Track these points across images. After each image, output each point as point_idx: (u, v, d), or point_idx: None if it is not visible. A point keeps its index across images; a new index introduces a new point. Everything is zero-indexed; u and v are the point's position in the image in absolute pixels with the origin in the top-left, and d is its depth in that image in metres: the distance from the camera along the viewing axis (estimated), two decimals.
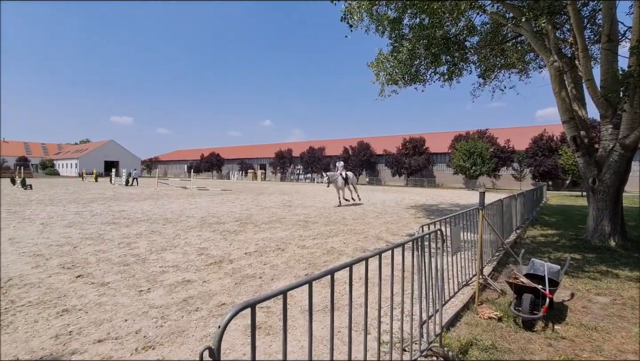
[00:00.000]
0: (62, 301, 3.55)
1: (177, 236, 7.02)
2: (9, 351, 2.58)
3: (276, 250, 5.99)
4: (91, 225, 8.20)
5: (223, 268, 4.82)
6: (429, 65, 10.12)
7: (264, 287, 4.08)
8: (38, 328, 2.97)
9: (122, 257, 5.32)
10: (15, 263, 4.87)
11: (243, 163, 60.15)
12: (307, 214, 10.98)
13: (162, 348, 2.66)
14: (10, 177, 29.61)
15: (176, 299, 3.64)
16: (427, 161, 39.09)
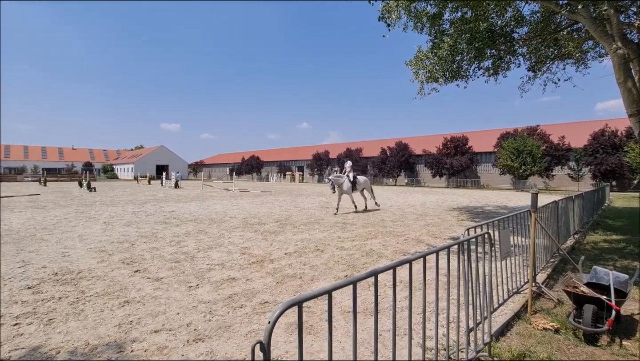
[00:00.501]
0: (123, 293, 3.89)
1: (222, 236, 7.37)
2: (81, 336, 2.89)
3: (315, 251, 6.05)
4: (146, 224, 8.89)
5: (265, 267, 4.98)
6: (472, 60, 9.66)
7: (304, 287, 4.15)
8: (104, 316, 3.28)
9: (173, 254, 5.70)
10: (84, 258, 5.43)
11: (281, 165, 61.56)
12: (344, 216, 10.96)
13: (210, 341, 2.82)
14: (78, 181, 33.14)
15: (222, 296, 3.83)
16: (470, 161, 37.10)
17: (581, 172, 31.35)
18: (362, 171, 46.79)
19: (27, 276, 4.46)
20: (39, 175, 47.99)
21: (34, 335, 2.90)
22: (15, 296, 3.76)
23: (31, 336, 2.88)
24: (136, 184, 41.01)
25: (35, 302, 3.60)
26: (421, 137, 52.34)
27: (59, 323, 3.13)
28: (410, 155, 42.25)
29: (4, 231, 7.81)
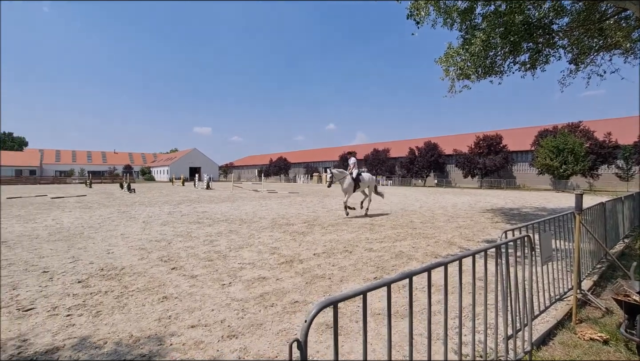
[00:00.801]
0: (162, 289, 4.10)
1: (252, 236, 7.56)
2: (125, 328, 3.08)
3: (343, 252, 6.05)
4: (181, 224, 9.31)
5: (294, 267, 5.05)
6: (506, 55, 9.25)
7: (334, 288, 4.16)
8: (145, 310, 3.48)
9: (206, 253, 5.93)
10: (126, 255, 5.78)
11: (308, 166, 62.01)
12: (372, 217, 10.85)
13: (243, 338, 2.90)
14: (119, 183, 35.39)
15: (254, 294, 3.93)
16: (504, 161, 35.35)
17: (630, 172, 28.88)
18: (389, 172, 46.07)
19: (77, 271, 4.82)
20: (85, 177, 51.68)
21: (84, 326, 3.13)
22: (67, 289, 4.08)
23: (82, 327, 3.11)
24: (171, 185, 43.02)
25: (85, 295, 3.89)
26: (451, 136, 50.71)
27: (106, 315, 3.36)
28: (439, 155, 41.01)
29: (54, 228, 8.49)
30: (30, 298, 3.82)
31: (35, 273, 4.76)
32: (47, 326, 3.13)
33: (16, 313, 3.40)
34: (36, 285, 4.24)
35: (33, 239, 7.13)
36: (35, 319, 3.27)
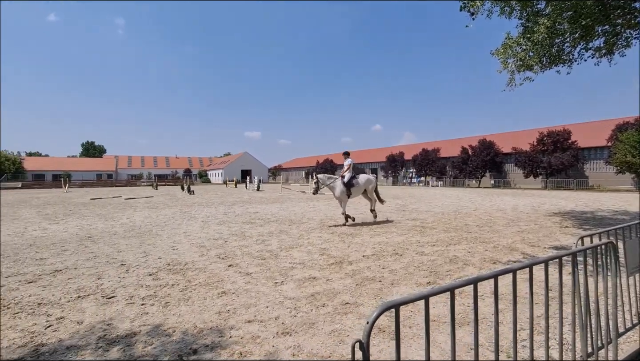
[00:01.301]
0: (221, 285, 4.37)
1: (301, 237, 7.73)
2: (190, 319, 3.34)
3: (393, 255, 5.91)
4: (235, 224, 9.84)
5: (343, 269, 5.05)
6: (576, 41, 8.34)
7: (385, 291, 4.08)
8: (206, 304, 3.74)
9: (259, 252, 6.19)
10: (189, 252, 6.27)
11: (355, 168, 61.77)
12: (423, 219, 10.45)
13: (297, 336, 2.97)
14: (180, 185, 38.52)
15: (305, 294, 4.01)
16: (574, 158, 31.65)
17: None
18: (440, 173, 43.99)
19: (148, 265, 5.35)
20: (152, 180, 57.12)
21: (155, 315, 3.46)
22: (140, 281, 4.54)
23: (153, 316, 3.44)
24: (225, 187, 45.68)
25: (155, 287, 4.30)
26: (509, 133, 46.90)
27: (173, 306, 3.68)
28: (496, 154, 38.09)
29: (128, 226, 9.50)
30: (112, 287, 4.32)
31: (115, 265, 5.37)
32: (126, 313, 3.51)
33: (101, 300, 3.87)
34: (116, 276, 4.78)
35: (112, 236, 8.06)
36: (116, 306, 3.70)
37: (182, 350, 2.74)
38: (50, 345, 2.86)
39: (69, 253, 6.22)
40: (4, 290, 4.23)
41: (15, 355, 2.70)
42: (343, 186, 9.40)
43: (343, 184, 9.40)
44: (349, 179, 9.47)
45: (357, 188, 9.64)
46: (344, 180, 9.45)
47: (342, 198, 9.49)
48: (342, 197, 9.48)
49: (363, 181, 9.80)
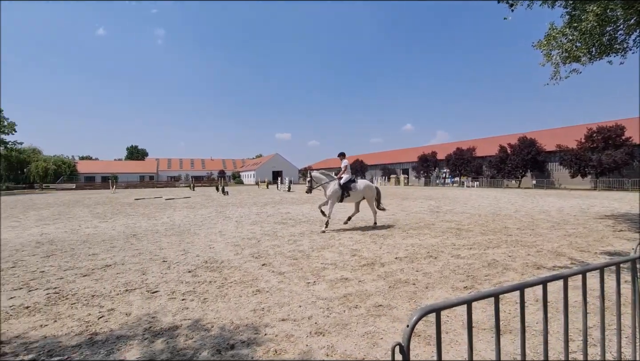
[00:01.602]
0: (255, 283, 4.49)
1: (332, 237, 7.74)
2: (227, 316, 3.46)
3: (427, 257, 5.75)
4: (267, 224, 10.07)
5: (375, 271, 5.00)
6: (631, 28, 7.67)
7: (419, 294, 3.99)
8: (242, 301, 3.86)
9: (291, 252, 6.29)
10: (224, 250, 6.51)
11: (385, 168, 60.74)
12: (458, 221, 10.06)
13: (330, 336, 2.98)
14: (215, 186, 40.11)
15: (337, 294, 4.02)
16: (628, 156, 28.82)
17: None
18: (476, 173, 42.10)
19: (187, 262, 5.62)
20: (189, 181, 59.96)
21: (195, 310, 3.63)
22: (181, 277, 4.78)
23: (193, 311, 3.61)
24: (257, 188, 46.86)
25: (194, 283, 4.51)
26: (553, 130, 43.91)
27: (211, 302, 3.84)
28: (538, 152, 35.72)
29: (168, 225, 10.04)
30: (155, 282, 4.59)
31: (157, 261, 5.70)
32: (168, 307, 3.72)
33: (146, 294, 4.12)
34: (158, 272, 5.07)
35: (154, 234, 8.56)
36: (159, 300, 3.92)
37: (220, 344, 2.86)
38: (102, 334, 3.10)
39: (117, 250, 6.69)
40: (63, 282, 4.65)
41: (74, 342, 2.96)
42: (338, 188, 8.74)
43: (339, 186, 8.78)
44: (347, 182, 8.85)
45: (354, 193, 8.92)
46: (341, 181, 8.85)
47: (333, 198, 8.77)
48: (333, 197, 8.75)
49: (362, 187, 9.07)
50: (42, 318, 3.46)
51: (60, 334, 3.11)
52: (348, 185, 8.82)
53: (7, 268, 5.42)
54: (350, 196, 8.85)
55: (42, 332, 3.15)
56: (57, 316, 3.52)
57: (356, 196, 9.04)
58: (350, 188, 8.82)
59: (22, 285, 4.54)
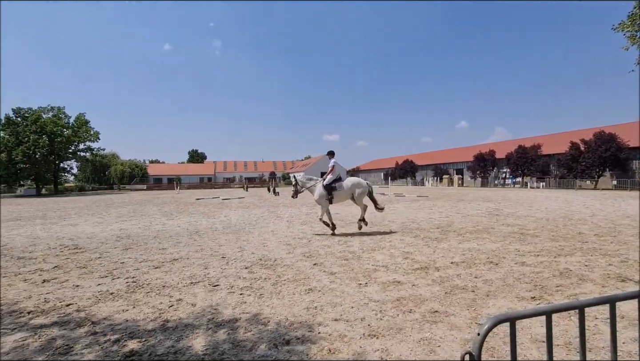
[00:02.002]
0: (307, 282, 4.60)
1: (383, 239, 7.61)
2: (282, 312, 3.59)
3: (487, 263, 5.38)
4: (317, 224, 10.22)
5: (430, 275, 4.81)
6: None
7: (479, 302, 3.75)
8: (295, 299, 3.98)
9: (342, 253, 6.31)
10: (277, 249, 6.76)
11: (437, 169, 58.03)
12: (522, 225, 9.24)
13: (384, 340, 2.94)
14: (267, 187, 41.90)
15: (390, 297, 3.94)
16: None
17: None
18: (541, 172, 38.26)
19: (244, 259, 5.95)
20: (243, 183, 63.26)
21: (252, 304, 3.83)
22: (238, 273, 5.07)
23: (251, 305, 3.81)
24: None
25: (251, 279, 4.75)
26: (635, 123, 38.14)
27: (267, 298, 4.01)
28: (619, 148, 31.24)
29: (225, 223, 10.69)
30: (216, 276, 4.93)
31: (217, 257, 6.12)
32: (228, 300, 3.97)
33: (208, 287, 4.45)
34: (218, 267, 5.44)
35: (214, 231, 9.19)
36: (220, 294, 4.21)
37: (277, 339, 2.98)
38: (173, 321, 3.42)
39: (182, 245, 7.32)
40: (139, 273, 5.21)
41: (149, 326, 3.30)
42: (323, 190, 8.40)
43: (323, 187, 8.44)
44: (330, 182, 8.44)
45: (340, 193, 8.46)
46: (324, 183, 8.49)
47: (322, 202, 8.46)
48: (321, 201, 8.46)
49: (348, 186, 8.58)
50: (123, 304, 3.92)
51: (139, 319, 3.49)
52: (332, 186, 8.44)
53: (95, 258, 6.23)
54: (336, 197, 8.45)
55: (124, 316, 3.57)
56: (135, 302, 3.96)
57: (342, 196, 8.58)
58: (334, 188, 8.44)
59: (107, 274, 5.19)
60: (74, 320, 3.49)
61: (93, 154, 53.58)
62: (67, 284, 4.72)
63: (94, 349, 2.87)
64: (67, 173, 56.51)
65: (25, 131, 42.50)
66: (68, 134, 46.69)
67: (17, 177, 44.23)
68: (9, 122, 43.03)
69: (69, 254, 6.63)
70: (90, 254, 6.58)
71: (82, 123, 48.85)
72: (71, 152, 49.61)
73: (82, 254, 6.66)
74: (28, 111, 44.78)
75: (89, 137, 49.73)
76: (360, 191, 8.66)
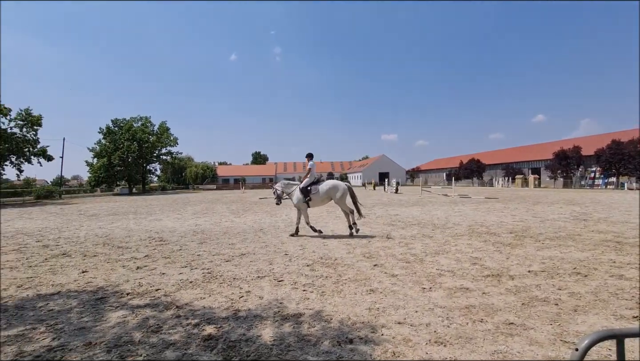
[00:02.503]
0: (368, 282, 4.57)
1: (447, 243, 7.20)
2: (343, 310, 3.63)
3: (573, 274, 4.76)
4: (376, 225, 10.09)
5: (503, 283, 4.42)
6: None
7: (564, 317, 3.34)
8: (357, 299, 3.98)
9: (403, 255, 6.14)
10: (337, 248, 6.84)
11: (509, 168, 52.88)
12: (618, 233, 7.96)
13: (452, 348, 2.80)
14: None
15: (457, 304, 3.73)
16: None
17: None
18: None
19: (305, 257, 6.14)
20: None
21: (315, 301, 3.94)
22: (300, 270, 5.26)
23: (313, 302, 3.92)
24: (364, 189, 47.42)
25: (313, 277, 4.89)
26: None
27: (329, 296, 4.09)
28: None
29: (287, 222, 11.13)
30: (280, 272, 5.18)
31: (280, 254, 6.41)
32: (292, 296, 4.14)
33: (273, 282, 4.69)
34: (282, 263, 5.70)
35: (276, 229, 9.65)
36: (284, 288, 4.41)
37: (340, 337, 3.02)
38: (243, 311, 3.68)
39: (248, 241, 7.83)
40: (212, 265, 5.71)
41: (223, 314, 3.61)
42: (300, 193, 8.30)
43: (300, 190, 8.32)
44: (306, 185, 8.31)
45: (317, 196, 8.22)
46: (300, 186, 8.41)
47: (300, 206, 8.35)
48: (299, 205, 8.35)
49: (325, 189, 8.24)
50: (201, 292, 4.34)
51: (214, 307, 3.84)
52: (307, 189, 8.29)
53: (176, 250, 7.00)
54: (313, 200, 8.24)
55: (202, 303, 3.96)
56: (210, 292, 4.35)
57: (320, 199, 8.29)
58: (310, 191, 8.26)
59: (186, 264, 5.79)
60: (162, 303, 3.97)
61: (173, 158, 60.13)
62: (155, 271, 5.39)
63: (179, 330, 3.23)
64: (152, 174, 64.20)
65: (121, 139, 49.49)
66: (153, 140, 53.23)
67: (115, 178, 51.63)
68: (108, 131, 50.57)
69: (155, 246, 7.55)
70: (173, 246, 7.40)
71: (164, 130, 55.20)
72: (155, 156, 56.31)
73: (166, 246, 7.53)
74: (122, 121, 52.08)
75: (169, 143, 55.96)
76: (339, 195, 8.31)
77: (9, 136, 30.04)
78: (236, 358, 2.70)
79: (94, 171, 49.09)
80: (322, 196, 8.29)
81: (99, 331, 3.23)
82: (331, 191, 8.31)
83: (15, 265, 5.98)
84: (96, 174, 48.91)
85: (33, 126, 32.31)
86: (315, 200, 8.30)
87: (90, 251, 7.06)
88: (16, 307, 3.93)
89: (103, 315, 3.65)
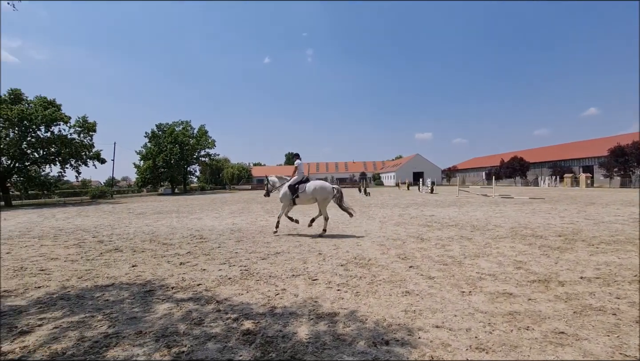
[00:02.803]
0: (404, 284, 4.48)
1: (488, 245, 6.86)
2: (379, 312, 3.59)
3: (634, 282, 4.33)
4: (411, 226, 9.85)
5: (552, 290, 4.13)
6: None
7: (624, 329, 3.06)
8: (392, 300, 3.92)
9: (440, 257, 5.94)
10: (371, 249, 6.77)
11: (556, 166, 49.16)
12: None
13: (495, 355, 2.67)
14: (357, 187, 42.26)
15: (500, 310, 3.54)
16: None
17: None
18: None
19: (339, 257, 6.15)
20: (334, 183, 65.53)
21: (349, 301, 3.93)
22: (334, 270, 5.27)
23: (348, 301, 3.92)
24: (397, 189, 46.44)
25: (347, 277, 4.89)
26: None
27: (363, 296, 4.07)
28: None
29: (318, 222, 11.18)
30: (314, 271, 5.23)
31: (314, 253, 6.48)
32: (326, 295, 4.17)
33: (308, 280, 4.76)
34: (316, 262, 5.76)
35: (309, 228, 9.75)
36: (319, 287, 4.45)
37: (375, 338, 3.00)
38: (279, 308, 3.77)
39: (283, 240, 7.99)
40: (249, 262, 5.91)
41: (260, 310, 3.72)
42: (287, 190, 8.83)
43: (288, 187, 8.86)
44: (294, 184, 8.82)
45: (303, 195, 8.63)
46: (288, 183, 8.96)
47: (284, 201, 8.90)
48: (284, 200, 8.92)
49: (311, 190, 8.57)
50: (239, 288, 4.51)
51: (251, 303, 3.97)
52: (294, 187, 8.76)
53: (215, 248, 7.32)
54: (300, 198, 8.68)
55: (240, 299, 4.11)
56: (248, 288, 4.51)
57: (306, 198, 8.66)
58: (297, 189, 8.69)
59: (225, 261, 6.04)
60: (204, 297, 4.18)
61: (211, 159, 62.96)
62: (197, 267, 5.68)
63: (219, 324, 3.38)
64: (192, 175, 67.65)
65: (164, 142, 52.73)
66: (193, 143, 56.16)
67: (159, 179, 55.06)
68: (153, 135, 54.09)
69: (197, 243, 7.95)
70: (212, 244, 7.75)
71: (203, 133, 57.97)
72: (195, 158, 59.27)
73: (206, 243, 7.90)
74: (165, 126, 55.40)
75: (207, 145, 58.66)
76: (322, 197, 8.56)
77: (69, 142, 33.08)
78: (273, 353, 2.78)
79: (141, 173, 52.81)
80: (308, 195, 8.65)
81: (148, 322, 3.47)
82: (316, 193, 8.61)
83: (76, 258, 6.59)
84: (143, 176, 52.57)
85: (89, 132, 35.28)
86: (302, 198, 8.73)
87: (139, 247, 7.59)
88: (77, 296, 4.34)
89: (151, 306, 3.91)
